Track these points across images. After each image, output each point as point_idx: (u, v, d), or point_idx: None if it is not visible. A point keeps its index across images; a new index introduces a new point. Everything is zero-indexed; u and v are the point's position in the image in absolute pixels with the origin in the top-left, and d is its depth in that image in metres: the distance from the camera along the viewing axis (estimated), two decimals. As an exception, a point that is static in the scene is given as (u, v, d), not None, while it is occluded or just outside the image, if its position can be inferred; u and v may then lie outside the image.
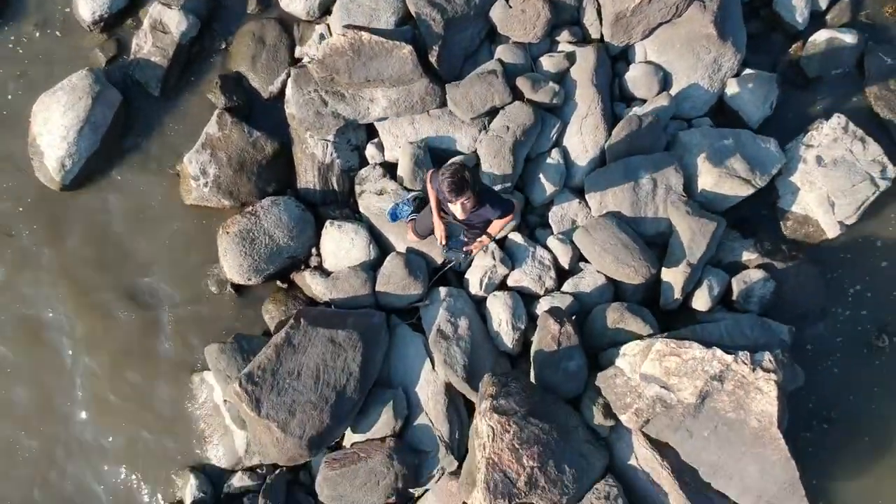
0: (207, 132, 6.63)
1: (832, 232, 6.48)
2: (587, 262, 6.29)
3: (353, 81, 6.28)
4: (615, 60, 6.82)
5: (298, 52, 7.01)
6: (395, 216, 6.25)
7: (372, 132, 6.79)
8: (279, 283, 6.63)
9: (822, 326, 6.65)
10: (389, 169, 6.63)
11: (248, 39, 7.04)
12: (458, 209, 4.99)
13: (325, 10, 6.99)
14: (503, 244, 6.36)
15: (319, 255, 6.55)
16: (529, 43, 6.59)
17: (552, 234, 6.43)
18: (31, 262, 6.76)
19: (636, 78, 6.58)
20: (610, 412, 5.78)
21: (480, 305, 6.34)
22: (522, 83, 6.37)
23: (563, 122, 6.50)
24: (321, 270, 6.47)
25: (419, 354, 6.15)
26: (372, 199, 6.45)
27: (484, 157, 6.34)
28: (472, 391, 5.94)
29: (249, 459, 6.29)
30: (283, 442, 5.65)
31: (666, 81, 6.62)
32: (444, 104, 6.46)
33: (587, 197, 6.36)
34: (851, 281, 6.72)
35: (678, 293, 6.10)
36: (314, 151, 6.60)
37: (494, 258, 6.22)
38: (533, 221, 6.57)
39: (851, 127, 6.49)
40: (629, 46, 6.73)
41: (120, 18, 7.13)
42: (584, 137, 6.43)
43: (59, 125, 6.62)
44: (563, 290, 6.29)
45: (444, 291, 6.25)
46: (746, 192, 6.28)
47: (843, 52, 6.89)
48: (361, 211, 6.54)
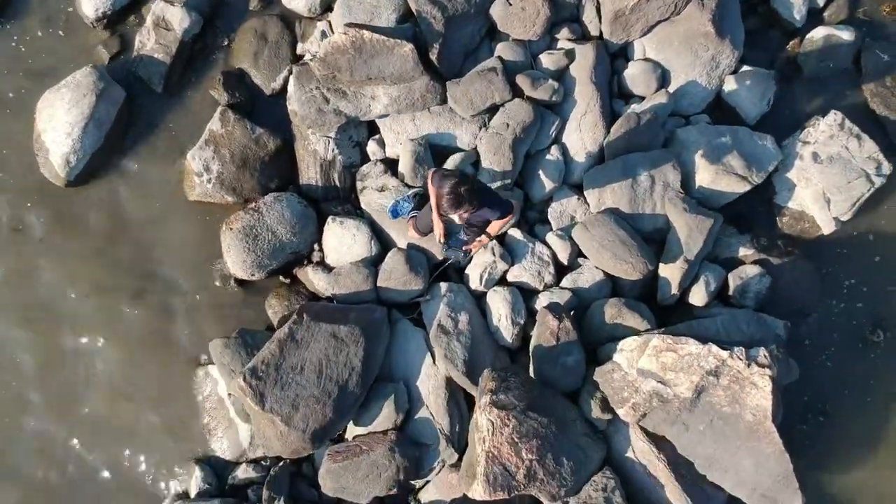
0: (210, 129, 6.69)
1: (828, 228, 6.56)
2: (586, 257, 6.37)
3: (354, 79, 6.35)
4: (614, 57, 6.87)
5: (300, 48, 7.06)
6: (395, 213, 6.33)
7: (373, 129, 6.85)
8: (282, 278, 6.71)
9: (817, 321, 6.74)
10: (390, 165, 6.70)
11: (250, 36, 7.08)
12: (455, 216, 5.10)
13: (326, 6, 7.03)
14: (503, 240, 6.44)
15: (322, 250, 6.62)
16: (529, 40, 6.64)
17: (551, 230, 6.50)
18: (38, 254, 6.85)
19: (635, 75, 6.64)
20: (607, 406, 5.88)
21: (480, 300, 6.42)
22: (522, 80, 6.44)
23: (562, 119, 6.56)
24: (323, 266, 6.55)
25: (420, 349, 6.24)
26: (373, 195, 6.53)
27: (484, 154, 6.41)
28: (472, 385, 6.03)
29: (253, 452, 6.40)
30: (286, 435, 5.75)
31: (664, 79, 6.69)
32: (444, 101, 6.52)
33: (586, 193, 6.43)
34: (846, 276, 6.82)
35: (675, 289, 6.19)
36: (316, 148, 6.67)
37: (494, 254, 6.31)
38: (532, 217, 6.64)
39: (847, 124, 6.55)
40: (628, 44, 6.78)
41: (123, 15, 7.16)
42: (582, 134, 6.50)
43: (63, 122, 6.68)
44: (561, 285, 6.37)
45: (444, 287, 6.32)
46: (743, 188, 6.35)
47: (840, 49, 6.94)
48: (363, 207, 6.62)
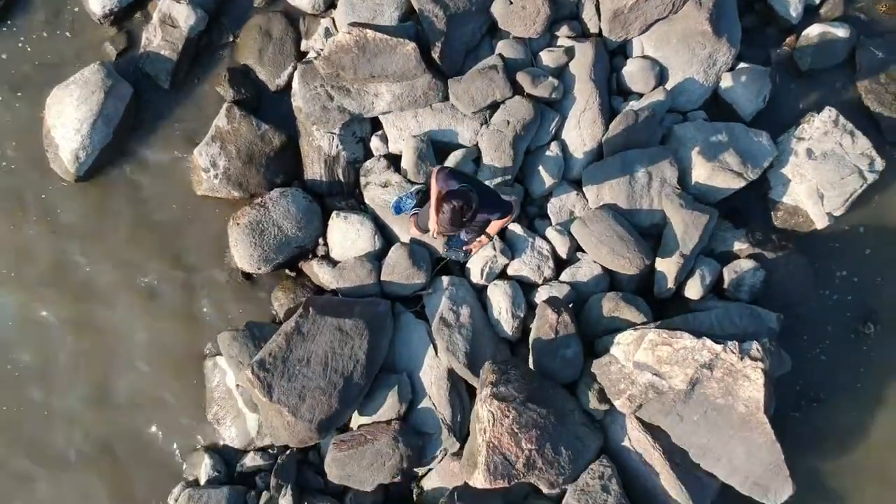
0: (217, 125, 6.81)
1: (821, 223, 6.69)
2: (584, 252, 6.50)
3: (358, 77, 6.47)
4: (613, 55, 6.97)
5: (304, 45, 7.16)
6: (398, 209, 6.46)
7: (376, 124, 6.95)
8: (288, 271, 6.85)
9: (810, 313, 6.89)
10: (393, 161, 6.81)
11: (254, 33, 7.18)
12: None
13: (329, 3, 7.12)
14: (503, 235, 6.56)
15: (326, 244, 6.76)
16: (529, 38, 6.73)
17: (551, 225, 6.63)
18: (50, 249, 7.01)
19: (633, 73, 6.75)
20: (604, 397, 6.04)
21: (481, 294, 6.56)
22: (522, 78, 6.54)
23: (561, 115, 6.67)
24: (328, 260, 6.70)
25: (423, 341, 6.39)
26: (377, 190, 6.66)
27: (485, 150, 6.54)
28: (473, 376, 6.18)
29: (261, 440, 6.57)
30: (293, 425, 5.93)
31: (662, 76, 6.79)
32: (446, 98, 6.63)
33: (585, 189, 6.56)
34: (839, 269, 6.96)
35: (671, 283, 6.33)
36: (320, 144, 6.79)
37: (495, 248, 6.44)
38: (532, 212, 6.77)
39: (842, 120, 6.67)
40: (627, 41, 6.88)
41: (129, 12, 7.25)
42: (582, 131, 6.62)
43: (72, 118, 6.80)
44: (560, 279, 6.51)
45: (446, 280, 6.46)
46: (739, 184, 6.48)
47: (835, 45, 7.04)
48: (367, 202, 6.74)
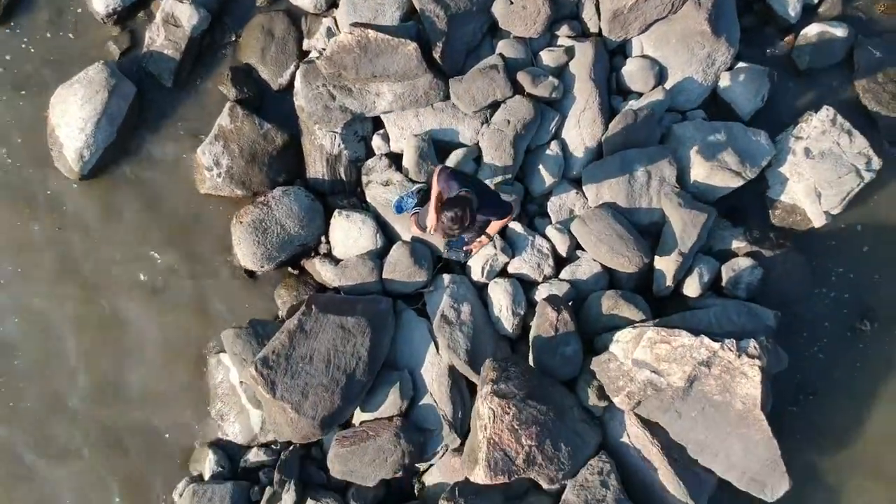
0: (220, 124, 6.87)
1: (818, 221, 6.76)
2: (584, 250, 6.56)
3: (359, 77, 6.52)
4: (613, 54, 7.02)
5: (306, 44, 7.21)
6: (399, 208, 6.53)
7: (378, 123, 7.01)
8: (290, 269, 6.92)
9: (807, 311, 6.96)
10: (395, 159, 6.87)
11: (257, 32, 7.24)
12: None
13: (331, 2, 7.17)
14: (504, 234, 6.63)
15: (328, 242, 6.83)
16: (530, 38, 6.79)
17: (551, 223, 6.69)
18: (57, 246, 7.08)
19: (633, 72, 6.80)
20: (603, 394, 6.12)
21: (482, 292, 6.63)
22: (523, 78, 6.59)
23: (561, 115, 6.73)
24: (330, 258, 6.76)
25: (424, 338, 6.46)
26: (378, 189, 6.72)
27: (486, 149, 6.60)
28: (474, 373, 6.25)
29: (264, 436, 6.64)
30: (296, 422, 6.00)
31: (661, 75, 6.84)
32: (447, 97, 6.69)
33: (584, 188, 6.62)
34: (836, 267, 7.02)
35: (670, 280, 6.40)
36: (322, 142, 6.85)
37: (495, 247, 6.50)
38: (532, 210, 6.83)
39: (839, 119, 6.72)
40: (626, 41, 6.93)
41: (132, 11, 7.30)
42: (581, 130, 6.68)
43: (76, 117, 6.86)
44: (560, 277, 6.58)
45: (447, 278, 6.53)
46: (737, 183, 6.54)
47: (833, 45, 7.10)
48: (368, 201, 6.81)
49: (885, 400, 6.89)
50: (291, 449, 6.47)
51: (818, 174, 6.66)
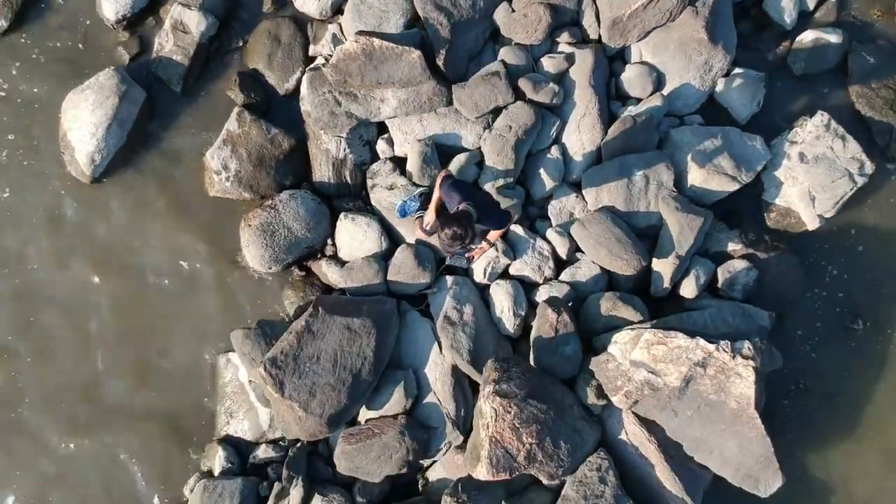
0: (228, 129, 7.01)
1: (812, 224, 6.90)
2: (583, 253, 6.71)
3: (365, 84, 6.67)
4: (612, 60, 7.15)
5: (312, 50, 7.34)
6: (403, 212, 6.67)
7: (382, 128, 7.16)
8: (297, 270, 7.08)
9: (801, 311, 7.12)
10: (399, 164, 7.01)
11: (264, 38, 7.37)
12: None
13: (336, 9, 7.30)
14: (506, 236, 6.77)
15: (335, 245, 6.98)
16: (531, 44, 6.91)
17: (551, 226, 6.84)
18: (69, 244, 7.25)
19: (631, 78, 6.94)
20: (602, 393, 6.29)
21: (484, 293, 6.79)
22: (524, 84, 6.73)
23: (562, 120, 6.87)
24: (336, 259, 6.92)
25: (428, 338, 6.63)
26: (383, 193, 6.87)
27: (488, 154, 6.75)
28: (476, 373, 6.41)
29: (273, 433, 6.82)
30: (304, 420, 6.19)
31: (660, 81, 6.97)
32: (450, 103, 6.82)
33: (584, 192, 6.76)
34: (829, 268, 7.18)
35: (667, 282, 6.56)
36: (328, 147, 7.00)
37: (497, 249, 6.66)
38: (533, 213, 6.98)
39: (833, 125, 6.85)
40: (625, 47, 7.06)
41: (141, 17, 7.43)
42: (581, 135, 6.82)
43: (88, 122, 7.01)
44: (560, 278, 6.74)
45: (450, 280, 6.70)
46: (733, 187, 6.69)
47: (828, 51, 7.22)
48: (373, 204, 6.95)
49: (876, 398, 7.06)
50: (299, 446, 6.65)
51: (812, 178, 6.81)
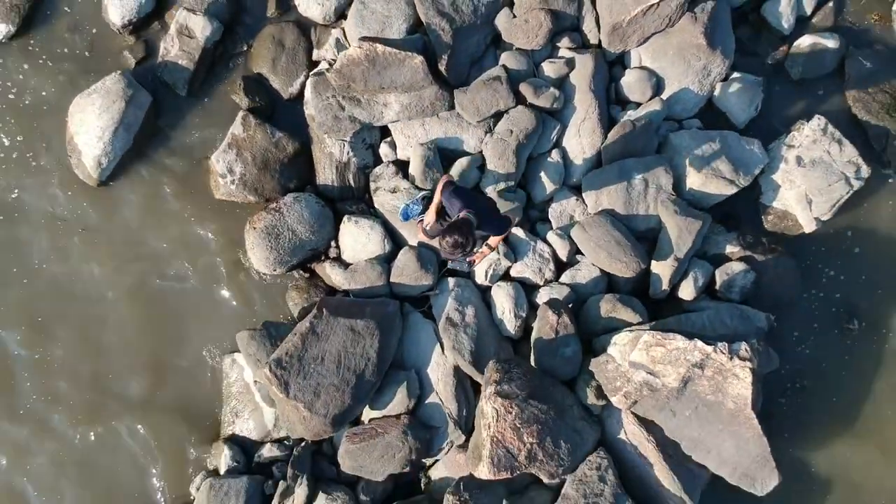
0: (233, 133, 7.11)
1: (809, 227, 6.99)
2: (584, 255, 6.80)
3: (368, 88, 6.76)
4: (612, 65, 7.24)
5: (316, 54, 7.44)
6: (406, 216, 6.77)
7: (385, 132, 7.26)
8: (301, 272, 7.18)
9: (798, 311, 7.21)
10: (402, 167, 7.10)
11: (268, 42, 7.46)
12: None
13: (340, 14, 7.39)
14: (507, 239, 6.87)
15: (338, 247, 7.08)
16: (532, 50, 7.00)
17: (551, 229, 6.93)
18: (73, 246, 7.35)
19: (631, 83, 7.03)
20: (602, 393, 6.38)
21: (485, 294, 6.88)
22: (525, 89, 6.82)
23: (562, 124, 6.96)
24: (340, 262, 7.02)
25: (430, 339, 6.72)
26: (386, 196, 6.97)
27: (489, 157, 6.84)
28: (478, 373, 6.50)
29: (277, 432, 6.91)
30: (309, 420, 6.29)
31: (659, 86, 7.06)
32: (452, 107, 6.92)
33: (584, 195, 6.85)
34: (826, 269, 7.28)
35: (666, 284, 6.66)
36: (332, 150, 7.09)
37: (499, 252, 6.76)
38: (534, 216, 7.07)
39: (830, 129, 6.95)
40: (625, 52, 7.15)
41: (147, 22, 7.53)
42: (581, 139, 6.92)
43: (94, 126, 7.10)
44: (561, 280, 6.84)
45: (452, 282, 6.79)
46: (731, 191, 6.77)
47: (825, 56, 7.32)
48: (376, 207, 7.05)
49: (872, 397, 7.16)
50: (304, 445, 6.74)
51: (809, 182, 6.90)
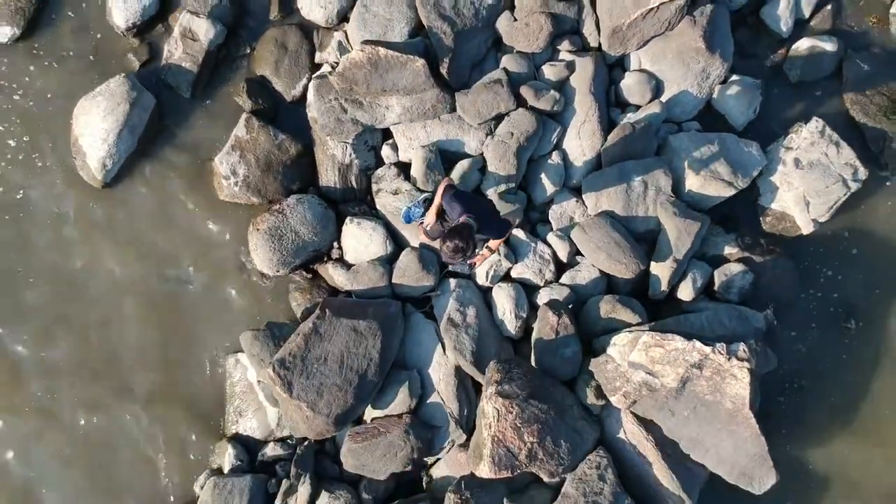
0: (236, 135, 7.17)
1: (807, 228, 7.07)
2: (584, 256, 6.87)
3: (370, 91, 6.83)
4: (611, 68, 7.31)
5: (318, 57, 7.49)
6: (408, 219, 6.83)
7: (387, 134, 7.32)
8: (304, 272, 7.24)
9: (796, 311, 7.29)
10: (403, 169, 7.17)
11: (271, 45, 7.52)
12: None
13: (342, 17, 7.45)
14: (508, 241, 6.95)
15: (341, 248, 7.15)
16: (532, 53, 7.06)
17: (552, 230, 7.00)
18: (80, 246, 7.42)
19: (630, 86, 7.09)
20: (601, 393, 6.46)
21: (486, 295, 6.95)
22: (526, 91, 6.89)
23: (563, 126, 7.03)
24: (342, 263, 7.09)
25: (432, 340, 6.80)
26: (388, 198, 7.04)
27: (490, 160, 6.91)
28: (479, 373, 6.58)
29: (281, 431, 6.98)
30: (312, 419, 6.36)
31: (658, 89, 7.13)
32: (453, 110, 6.98)
33: (584, 197, 6.92)
34: (824, 269, 7.35)
35: (665, 285, 6.73)
36: (334, 152, 7.16)
37: (499, 253, 6.84)
38: (534, 218, 7.14)
39: (828, 131, 7.02)
40: (625, 55, 7.21)
41: (151, 25, 7.58)
42: (582, 141, 6.99)
43: (99, 128, 7.16)
44: (561, 281, 6.91)
45: (453, 283, 6.86)
46: (729, 193, 6.85)
47: (823, 58, 7.39)
48: (378, 208, 7.12)
49: (869, 395, 7.24)
50: (307, 444, 6.82)
51: (807, 184, 6.97)
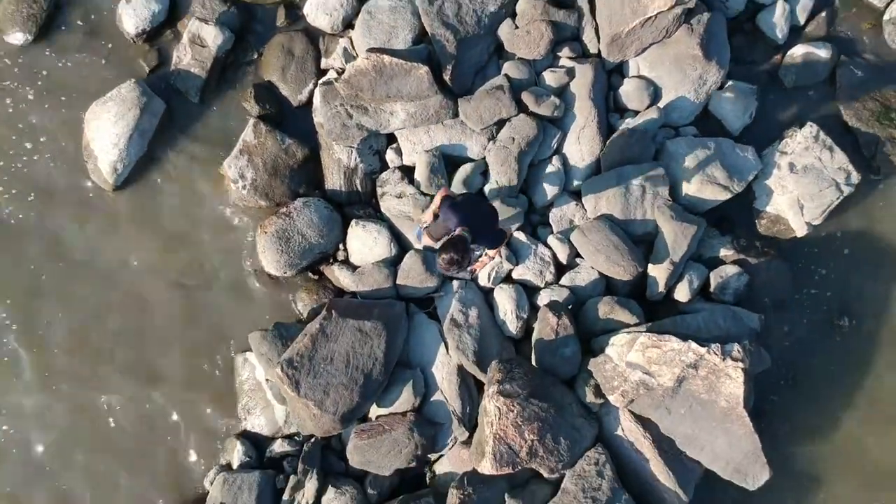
0: (244, 139, 7.34)
1: (801, 231, 7.23)
2: (583, 258, 7.03)
3: (375, 97, 6.99)
4: (611, 74, 7.47)
5: (324, 63, 7.65)
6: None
7: (392, 138, 7.48)
8: (310, 274, 7.40)
9: (791, 310, 7.44)
10: (407, 172, 7.32)
11: (277, 51, 7.67)
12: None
13: (347, 24, 7.60)
14: (509, 243, 7.12)
15: (346, 250, 7.31)
16: (533, 59, 7.22)
17: (552, 233, 7.16)
18: (87, 248, 7.57)
19: (629, 92, 7.25)
20: (600, 392, 6.63)
21: (488, 296, 7.12)
22: (527, 97, 7.05)
23: (563, 132, 7.19)
24: (348, 264, 7.25)
25: (435, 339, 6.97)
26: (392, 201, 7.20)
27: (492, 165, 7.07)
28: (481, 372, 6.75)
29: (288, 429, 7.15)
30: (319, 417, 6.55)
31: (656, 95, 7.27)
32: (456, 115, 7.14)
33: (584, 200, 7.09)
34: (818, 269, 7.51)
35: (662, 287, 6.90)
36: (340, 156, 7.33)
37: (501, 255, 7.01)
38: (535, 221, 7.30)
39: (822, 136, 7.18)
40: (624, 62, 7.37)
41: (160, 31, 7.74)
42: (581, 146, 7.15)
43: (110, 133, 7.33)
44: (561, 283, 7.07)
45: (456, 284, 7.02)
46: (725, 196, 7.01)
47: (817, 64, 7.54)
48: (383, 211, 7.28)
49: (862, 391, 7.39)
50: (313, 441, 6.98)
51: (801, 187, 7.14)
